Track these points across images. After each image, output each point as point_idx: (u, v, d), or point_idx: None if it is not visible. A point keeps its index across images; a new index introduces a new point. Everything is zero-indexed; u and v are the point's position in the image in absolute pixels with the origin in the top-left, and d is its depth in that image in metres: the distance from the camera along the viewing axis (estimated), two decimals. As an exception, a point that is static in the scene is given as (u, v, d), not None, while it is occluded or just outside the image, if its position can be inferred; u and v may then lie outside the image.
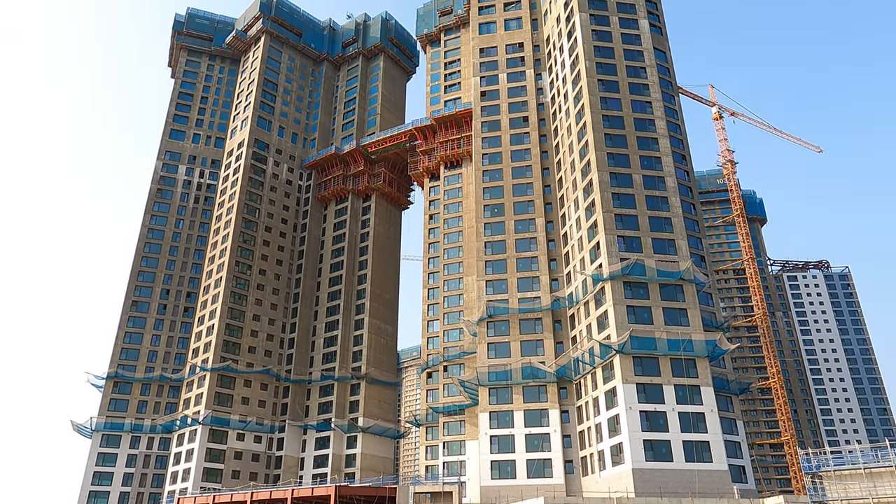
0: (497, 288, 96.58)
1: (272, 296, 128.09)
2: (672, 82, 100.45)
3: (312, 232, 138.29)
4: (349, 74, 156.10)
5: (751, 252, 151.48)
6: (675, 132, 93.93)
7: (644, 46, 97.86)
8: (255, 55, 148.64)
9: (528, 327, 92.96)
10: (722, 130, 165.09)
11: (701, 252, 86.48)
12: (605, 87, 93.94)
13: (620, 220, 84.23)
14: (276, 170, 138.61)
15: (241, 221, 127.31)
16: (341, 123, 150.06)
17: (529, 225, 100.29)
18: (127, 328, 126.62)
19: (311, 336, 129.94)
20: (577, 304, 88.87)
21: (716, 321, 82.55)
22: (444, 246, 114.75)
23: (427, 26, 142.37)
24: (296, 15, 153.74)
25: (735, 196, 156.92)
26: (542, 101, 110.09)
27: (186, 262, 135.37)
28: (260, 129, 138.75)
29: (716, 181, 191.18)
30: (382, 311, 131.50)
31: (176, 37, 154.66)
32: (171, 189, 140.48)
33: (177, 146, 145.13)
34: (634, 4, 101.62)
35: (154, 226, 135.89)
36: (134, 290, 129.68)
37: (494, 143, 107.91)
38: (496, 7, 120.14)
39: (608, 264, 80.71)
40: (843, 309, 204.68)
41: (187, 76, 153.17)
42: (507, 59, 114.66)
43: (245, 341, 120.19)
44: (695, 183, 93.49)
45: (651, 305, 78.84)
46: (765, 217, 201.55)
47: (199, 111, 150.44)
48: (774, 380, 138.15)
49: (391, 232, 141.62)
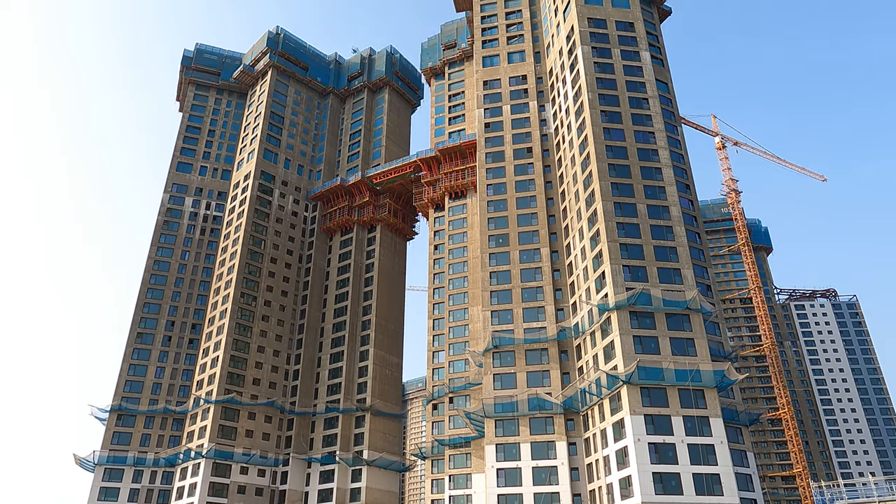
0: (503, 318, 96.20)
1: (277, 327, 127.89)
2: (674, 113, 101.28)
3: (317, 263, 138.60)
4: (354, 107, 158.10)
5: (757, 281, 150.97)
6: (679, 162, 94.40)
7: (646, 78, 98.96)
8: (262, 89, 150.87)
9: (534, 358, 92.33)
10: (725, 160, 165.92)
11: (707, 281, 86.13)
12: (607, 117, 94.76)
13: (625, 250, 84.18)
14: (282, 201, 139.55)
15: (246, 253, 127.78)
16: (346, 155, 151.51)
17: (534, 255, 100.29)
18: (132, 360, 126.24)
19: (315, 367, 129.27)
20: (583, 334, 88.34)
21: (723, 351, 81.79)
22: (450, 276, 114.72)
23: (431, 60, 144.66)
24: (302, 50, 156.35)
25: (740, 225, 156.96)
26: (545, 133, 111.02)
27: (192, 293, 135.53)
28: (266, 162, 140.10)
29: (720, 210, 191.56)
30: (387, 343, 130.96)
31: (184, 71, 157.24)
32: (177, 221, 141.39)
33: (184, 178, 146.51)
34: (636, 37, 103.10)
35: (160, 257, 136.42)
36: (139, 321, 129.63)
37: (499, 174, 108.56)
38: (499, 41, 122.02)
39: (614, 294, 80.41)
40: (853, 338, 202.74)
41: (195, 110, 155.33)
42: (510, 92, 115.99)
43: (249, 373, 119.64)
44: (699, 212, 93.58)
45: (658, 335, 78.29)
46: (770, 246, 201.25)
47: (206, 144, 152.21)
48: (785, 410, 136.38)
49: (396, 262, 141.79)
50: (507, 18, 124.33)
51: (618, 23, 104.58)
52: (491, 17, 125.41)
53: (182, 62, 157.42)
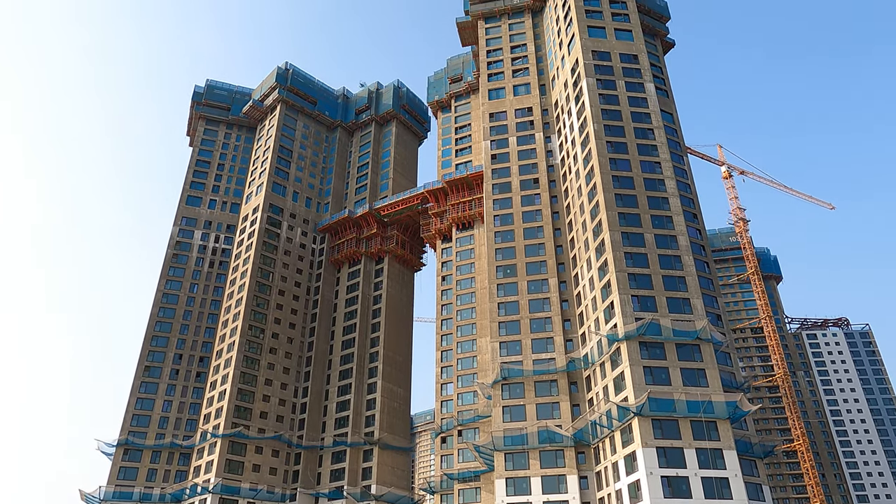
0: (511, 349, 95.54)
1: (285, 359, 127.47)
2: (680, 143, 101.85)
3: (325, 295, 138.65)
4: (362, 140, 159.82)
5: (768, 310, 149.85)
6: (686, 191, 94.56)
7: (651, 109, 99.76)
8: (271, 123, 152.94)
9: (544, 389, 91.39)
10: (732, 189, 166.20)
11: (717, 311, 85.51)
12: (613, 148, 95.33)
13: (634, 280, 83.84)
14: (290, 234, 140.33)
15: (254, 285, 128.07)
16: (354, 187, 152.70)
17: (542, 285, 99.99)
18: (139, 394, 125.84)
19: (323, 400, 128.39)
20: (592, 365, 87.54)
21: (735, 381, 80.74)
22: (457, 307, 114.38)
23: (438, 93, 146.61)
24: (310, 84, 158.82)
25: (749, 254, 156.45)
26: (551, 164, 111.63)
27: (200, 326, 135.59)
28: (274, 195, 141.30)
29: (728, 239, 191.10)
30: (395, 375, 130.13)
31: (195, 107, 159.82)
32: (186, 254, 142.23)
33: (193, 212, 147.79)
34: (640, 69, 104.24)
35: (169, 290, 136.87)
36: (147, 355, 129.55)
37: (506, 205, 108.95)
38: (505, 74, 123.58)
39: (623, 324, 79.85)
40: (867, 367, 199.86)
41: (205, 144, 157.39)
42: (516, 123, 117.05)
43: (257, 406, 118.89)
44: (707, 241, 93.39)
45: (668, 366, 77.49)
46: (780, 275, 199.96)
47: (215, 177, 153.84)
48: (800, 442, 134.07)
49: (404, 294, 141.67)
50: (513, 52, 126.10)
51: (622, 55, 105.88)
52: (496, 51, 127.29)
53: (193, 98, 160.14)
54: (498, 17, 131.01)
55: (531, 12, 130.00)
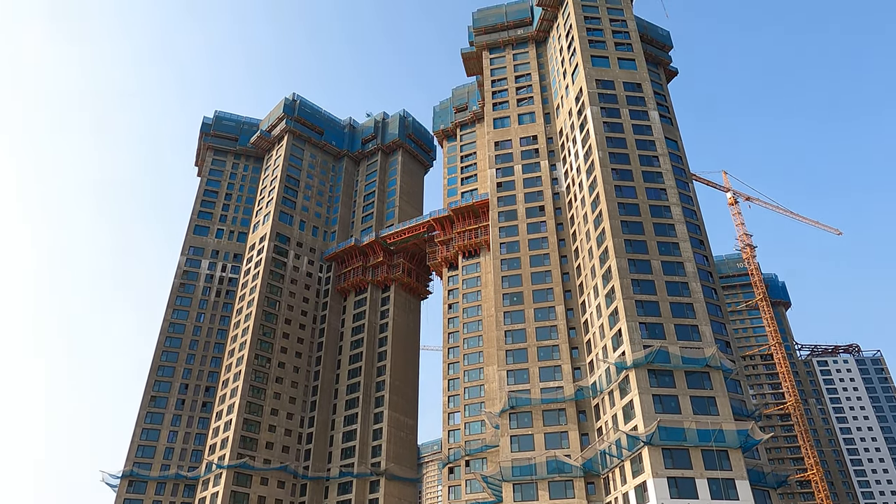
0: (518, 378, 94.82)
1: (291, 389, 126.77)
2: (685, 169, 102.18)
3: (332, 323, 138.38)
4: (368, 169, 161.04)
5: (777, 337, 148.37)
6: (692, 218, 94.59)
7: (655, 136, 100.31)
8: (279, 153, 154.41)
9: (552, 419, 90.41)
10: (738, 215, 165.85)
11: (726, 338, 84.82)
12: (619, 175, 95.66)
13: (641, 307, 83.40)
14: (297, 262, 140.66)
15: (261, 314, 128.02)
16: (360, 216, 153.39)
17: (549, 313, 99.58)
18: (144, 424, 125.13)
19: (329, 430, 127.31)
20: (601, 393, 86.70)
21: (746, 409, 79.73)
22: (464, 335, 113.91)
23: (443, 122, 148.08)
24: (317, 115, 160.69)
25: (756, 280, 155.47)
26: (557, 191, 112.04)
27: (206, 356, 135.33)
28: (281, 224, 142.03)
29: (736, 265, 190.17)
30: (402, 404, 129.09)
31: (203, 138, 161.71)
32: (193, 283, 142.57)
33: (200, 241, 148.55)
34: (644, 97, 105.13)
35: (176, 320, 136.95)
36: (153, 385, 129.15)
37: (512, 232, 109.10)
38: (510, 103, 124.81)
39: (631, 352, 79.23)
40: (880, 395, 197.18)
41: (213, 174, 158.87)
42: (521, 152, 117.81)
43: (262, 437, 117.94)
44: (714, 268, 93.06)
45: (678, 394, 76.64)
46: (788, 301, 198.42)
47: (223, 207, 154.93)
48: (813, 471, 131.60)
49: (410, 322, 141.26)
50: (517, 82, 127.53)
51: (625, 83, 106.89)
52: (501, 80, 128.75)
53: (201, 129, 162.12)
54: (502, 47, 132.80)
55: (535, 42, 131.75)
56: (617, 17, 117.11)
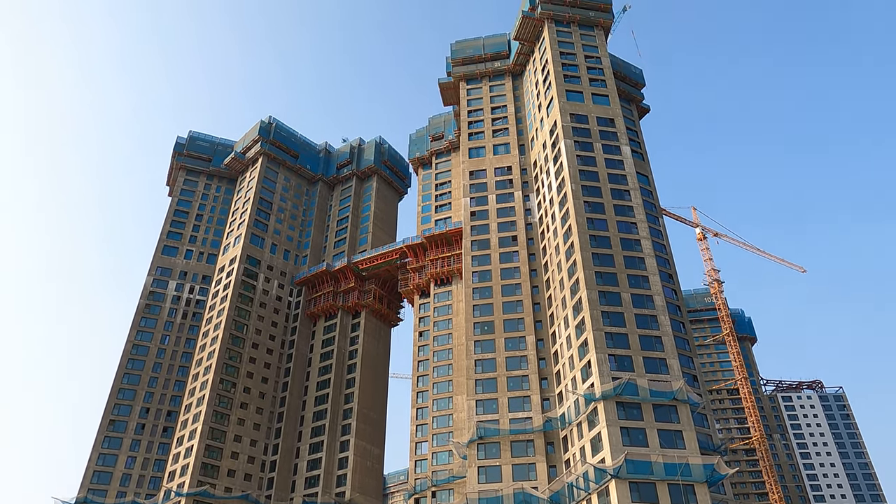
0: (487, 408, 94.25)
1: (256, 415, 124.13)
2: (655, 204, 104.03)
3: (300, 349, 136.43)
4: (343, 194, 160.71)
5: (743, 371, 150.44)
6: (661, 252, 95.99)
7: (627, 171, 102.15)
8: (252, 175, 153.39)
9: (520, 450, 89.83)
10: (706, 250, 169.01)
11: (693, 371, 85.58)
12: (590, 208, 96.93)
13: (611, 339, 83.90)
14: (267, 286, 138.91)
15: (227, 338, 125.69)
16: (333, 241, 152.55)
17: (520, 343, 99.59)
18: (101, 449, 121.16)
19: (293, 458, 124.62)
20: (569, 425, 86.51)
21: (712, 444, 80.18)
22: (434, 364, 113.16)
23: (419, 150, 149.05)
24: (293, 139, 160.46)
25: (723, 315, 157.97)
26: (530, 222, 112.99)
27: (170, 379, 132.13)
28: (252, 246, 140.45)
29: (703, 300, 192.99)
30: (369, 432, 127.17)
31: (176, 157, 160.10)
32: (159, 304, 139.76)
33: (169, 262, 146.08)
34: (616, 132, 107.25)
35: (139, 342, 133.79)
36: (113, 408, 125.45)
37: (484, 261, 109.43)
38: (485, 133, 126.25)
39: (600, 383, 79.42)
40: (842, 431, 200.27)
41: (184, 194, 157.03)
42: (495, 182, 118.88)
43: (225, 464, 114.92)
44: (683, 302, 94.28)
45: (645, 427, 76.83)
46: (754, 336, 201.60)
47: (193, 228, 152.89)
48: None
49: (380, 349, 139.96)
50: (493, 113, 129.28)
51: (599, 118, 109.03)
52: (477, 111, 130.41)
53: (174, 148, 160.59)
54: (479, 79, 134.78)
55: (511, 75, 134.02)
56: (592, 53, 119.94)
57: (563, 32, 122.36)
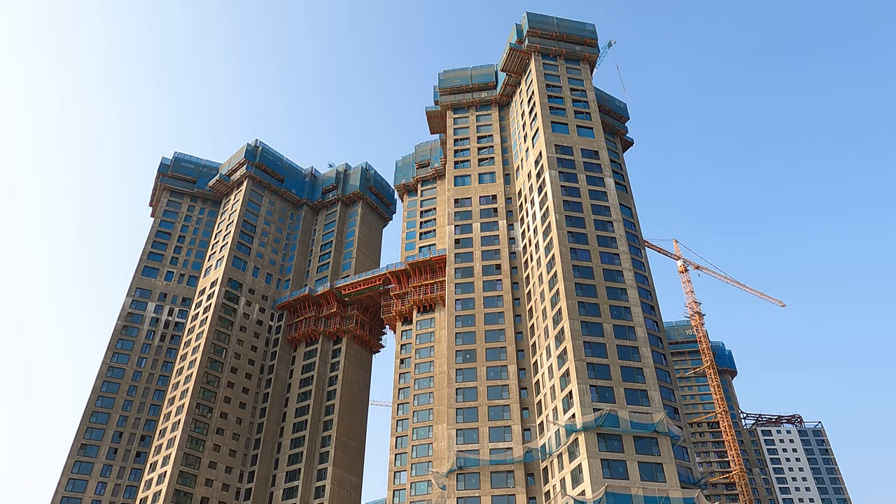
0: (468, 437, 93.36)
1: (232, 441, 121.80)
2: (638, 236, 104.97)
3: (279, 374, 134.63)
4: (327, 219, 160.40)
5: (723, 405, 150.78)
6: (643, 283, 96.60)
7: (610, 202, 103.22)
8: (237, 198, 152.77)
9: (500, 481, 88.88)
10: (688, 283, 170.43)
11: (674, 404, 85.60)
12: (574, 238, 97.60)
13: (592, 370, 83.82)
14: (248, 309, 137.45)
15: (206, 361, 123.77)
16: (316, 265, 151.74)
17: (502, 372, 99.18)
18: (71, 474, 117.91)
19: (269, 486, 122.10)
20: (550, 456, 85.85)
21: (693, 477, 79.89)
22: (415, 391, 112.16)
23: (405, 177, 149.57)
24: (279, 162, 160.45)
25: (704, 347, 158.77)
26: (514, 251, 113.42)
27: (145, 402, 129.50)
28: (235, 269, 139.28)
29: (685, 332, 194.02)
30: (347, 461, 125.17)
31: (160, 178, 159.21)
32: (137, 326, 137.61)
33: (149, 283, 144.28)
34: (600, 164, 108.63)
35: (115, 364, 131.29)
36: (85, 431, 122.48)
37: (467, 289, 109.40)
38: (471, 162, 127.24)
39: (581, 414, 79.12)
40: (820, 466, 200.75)
41: (167, 215, 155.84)
42: (480, 210, 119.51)
43: (198, 491, 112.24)
44: (664, 334, 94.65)
45: (626, 459, 76.48)
46: (735, 369, 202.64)
47: (174, 249, 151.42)
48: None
49: (361, 376, 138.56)
50: (479, 142, 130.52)
51: (583, 150, 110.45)
52: (463, 139, 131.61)
53: (159, 169, 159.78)
54: (466, 108, 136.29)
55: (498, 105, 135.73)
56: (577, 86, 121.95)
57: (550, 65, 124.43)
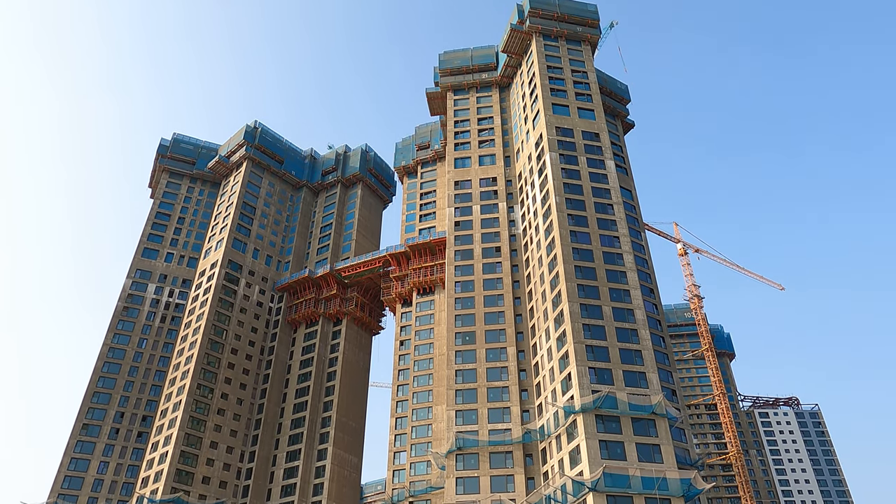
0: (467, 418, 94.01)
1: (233, 421, 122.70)
2: (638, 219, 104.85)
3: (280, 356, 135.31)
4: (327, 201, 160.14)
5: (721, 387, 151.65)
6: (643, 266, 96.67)
7: (610, 185, 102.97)
8: (236, 179, 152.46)
9: (499, 461, 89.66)
10: (687, 266, 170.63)
11: (672, 386, 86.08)
12: (574, 221, 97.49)
13: (591, 352, 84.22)
14: (248, 291, 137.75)
15: (206, 342, 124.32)
16: (316, 247, 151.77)
17: (501, 354, 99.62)
18: (74, 453, 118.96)
19: (270, 466, 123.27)
20: (548, 437, 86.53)
21: (690, 458, 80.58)
22: (415, 373, 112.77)
23: (405, 159, 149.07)
24: (278, 144, 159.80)
25: (703, 330, 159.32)
26: (514, 233, 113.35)
27: (146, 383, 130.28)
28: (234, 251, 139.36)
29: (683, 315, 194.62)
30: (347, 441, 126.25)
31: (159, 160, 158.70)
32: (137, 307, 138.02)
33: (148, 265, 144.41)
34: (601, 146, 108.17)
35: (116, 345, 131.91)
36: (87, 412, 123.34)
37: (467, 272, 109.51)
38: (471, 144, 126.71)
39: (580, 396, 79.62)
40: (817, 448, 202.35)
41: (167, 197, 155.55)
42: (480, 192, 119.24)
43: (200, 470, 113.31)
44: (663, 316, 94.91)
45: (624, 440, 77.10)
46: (733, 352, 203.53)
47: (174, 231, 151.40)
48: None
49: (361, 357, 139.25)
50: (479, 124, 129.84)
51: (584, 132, 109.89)
52: (464, 121, 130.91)
53: (158, 150, 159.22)
54: (466, 90, 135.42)
55: (498, 87, 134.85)
56: (578, 68, 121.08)
57: (551, 46, 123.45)
